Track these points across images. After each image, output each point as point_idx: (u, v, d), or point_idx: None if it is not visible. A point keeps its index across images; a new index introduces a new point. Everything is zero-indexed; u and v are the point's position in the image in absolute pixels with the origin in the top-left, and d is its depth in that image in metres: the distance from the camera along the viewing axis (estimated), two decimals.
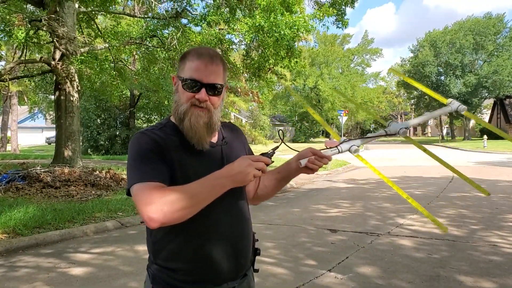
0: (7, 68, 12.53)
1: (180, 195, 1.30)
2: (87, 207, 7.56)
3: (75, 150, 12.28)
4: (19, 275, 4.52)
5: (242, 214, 1.56)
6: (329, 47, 57.21)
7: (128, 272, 4.59)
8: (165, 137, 1.47)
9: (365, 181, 13.15)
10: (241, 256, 1.53)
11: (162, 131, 1.49)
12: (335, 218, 7.53)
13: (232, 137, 1.66)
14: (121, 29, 14.98)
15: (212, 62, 1.46)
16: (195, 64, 1.46)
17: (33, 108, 37.47)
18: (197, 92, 1.45)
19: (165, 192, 1.30)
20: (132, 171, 1.40)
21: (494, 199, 9.23)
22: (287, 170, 1.66)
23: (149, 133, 1.46)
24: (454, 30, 48.77)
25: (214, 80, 1.46)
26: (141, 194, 1.31)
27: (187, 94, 1.46)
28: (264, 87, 19.11)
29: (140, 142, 1.44)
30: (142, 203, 1.29)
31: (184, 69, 1.48)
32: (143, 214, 1.28)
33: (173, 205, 1.28)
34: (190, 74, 1.45)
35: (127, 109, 26.81)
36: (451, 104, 1.61)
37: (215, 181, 1.34)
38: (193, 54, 1.49)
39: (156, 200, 1.28)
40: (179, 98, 1.49)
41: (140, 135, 1.46)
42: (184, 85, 1.46)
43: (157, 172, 1.38)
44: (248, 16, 12.11)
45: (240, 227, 1.54)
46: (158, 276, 1.48)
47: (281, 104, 62.99)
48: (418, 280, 4.25)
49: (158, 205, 1.27)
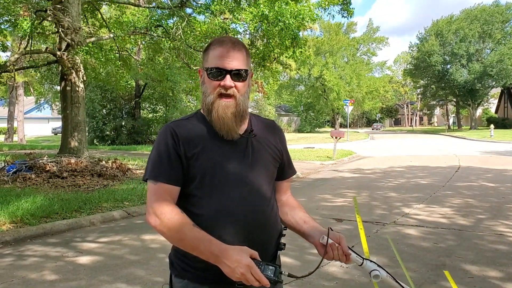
0: (12, 59, 12.54)
1: (178, 233, 1.39)
2: (93, 197, 7.61)
3: (81, 141, 12.32)
4: (28, 264, 4.56)
5: (260, 204, 1.52)
6: (333, 36, 56.69)
7: (135, 261, 4.62)
8: (191, 126, 1.51)
9: (371, 170, 13.12)
10: (254, 245, 1.40)
11: (189, 121, 1.54)
12: (341, 207, 7.53)
13: (265, 131, 1.62)
14: (125, 19, 14.93)
15: (234, 48, 1.48)
16: (218, 51, 1.47)
17: (39, 99, 37.61)
18: (222, 79, 1.46)
19: (173, 215, 1.40)
20: (150, 164, 1.50)
21: (501, 188, 9.19)
22: (308, 231, 1.63)
23: (172, 126, 1.51)
24: (460, 19, 48.24)
25: (238, 65, 1.47)
26: (154, 198, 1.45)
27: (213, 83, 1.47)
28: (269, 77, 19.04)
29: (162, 136, 1.50)
30: (151, 206, 1.44)
31: (208, 60, 1.50)
32: (147, 214, 1.45)
33: (168, 232, 1.40)
34: (215, 62, 1.47)
35: (132, 99, 26.85)
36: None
37: (207, 251, 1.35)
38: (215, 43, 1.51)
39: (161, 217, 1.40)
40: (206, 89, 1.51)
41: (164, 129, 1.52)
42: (209, 74, 1.48)
43: (171, 172, 1.45)
44: (253, 5, 12.03)
45: (256, 216, 1.49)
46: (176, 262, 1.53)
47: (287, 94, 62.76)
48: (424, 269, 4.25)
49: (159, 222, 1.40)
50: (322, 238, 1.53)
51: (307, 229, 1.64)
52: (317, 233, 1.59)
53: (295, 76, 52.39)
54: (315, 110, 59.98)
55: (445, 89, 51.38)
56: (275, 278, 1.29)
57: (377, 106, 70.37)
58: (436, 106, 68.07)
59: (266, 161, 1.57)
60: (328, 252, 1.51)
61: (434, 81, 51.73)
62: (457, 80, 46.73)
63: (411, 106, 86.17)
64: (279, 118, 59.19)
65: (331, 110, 58.78)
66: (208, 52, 1.51)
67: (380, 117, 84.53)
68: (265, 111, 49.67)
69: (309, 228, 1.64)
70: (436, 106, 68.78)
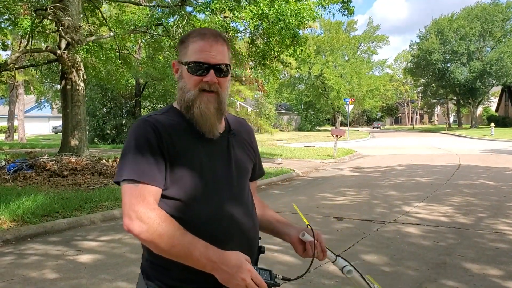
0: (13, 57, 12.55)
1: (171, 239, 1.22)
2: (94, 196, 7.61)
3: (81, 139, 12.33)
4: (28, 262, 4.57)
5: (247, 206, 1.47)
6: (333, 34, 56.66)
7: (136, 260, 4.62)
8: (168, 123, 1.36)
9: (371, 169, 13.12)
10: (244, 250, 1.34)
11: (166, 117, 1.39)
12: (341, 206, 7.53)
13: (241, 130, 1.55)
14: (126, 17, 14.93)
15: (217, 42, 1.37)
16: (199, 45, 1.36)
17: (39, 98, 37.63)
18: (205, 75, 1.35)
19: (162, 220, 1.23)
20: (127, 162, 1.30)
21: (501, 187, 9.19)
22: (283, 229, 1.58)
23: (151, 120, 1.35)
24: (461, 17, 48.23)
25: (221, 60, 1.37)
26: (136, 201, 1.25)
27: (194, 79, 1.36)
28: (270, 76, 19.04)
29: (141, 130, 1.33)
30: (133, 210, 1.24)
31: (187, 53, 1.38)
32: (128, 220, 1.24)
33: (158, 239, 1.22)
34: (196, 56, 1.35)
35: (132, 98, 26.84)
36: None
37: (203, 257, 1.22)
38: (195, 35, 1.39)
39: (148, 221, 1.22)
40: (184, 84, 1.39)
41: (142, 123, 1.35)
42: (189, 68, 1.36)
43: (155, 171, 1.29)
44: (253, 4, 12.02)
45: (246, 219, 1.43)
46: (152, 274, 1.37)
47: (287, 93, 62.76)
48: (424, 268, 4.25)
49: (146, 227, 1.22)
50: (302, 234, 1.49)
51: (281, 228, 1.59)
52: (293, 230, 1.55)
53: (295, 75, 52.28)
54: (315, 109, 59.99)
55: (445, 87, 51.38)
56: (272, 282, 1.26)
57: (378, 105, 70.37)
58: (436, 104, 68.05)
59: (245, 161, 1.51)
60: (308, 250, 1.49)
61: (435, 79, 51.72)
62: (457, 78, 46.73)
63: (411, 105, 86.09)
64: (279, 117, 59.16)
65: (331, 108, 58.78)
66: (187, 44, 1.38)
67: (380, 116, 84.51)
68: (265, 110, 49.62)
69: (283, 226, 1.59)
70: (436, 105, 68.75)
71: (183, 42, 1.41)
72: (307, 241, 1.49)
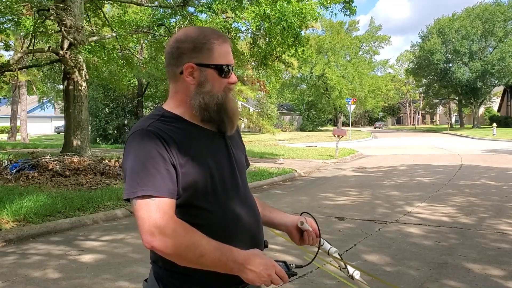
0: (15, 57, 12.58)
1: (199, 249, 1.20)
2: (96, 196, 7.63)
3: (84, 139, 12.36)
4: (31, 262, 4.58)
5: (253, 203, 1.49)
6: (335, 34, 56.62)
7: (138, 259, 4.64)
8: (171, 130, 1.31)
9: (373, 169, 13.12)
10: (254, 246, 1.38)
11: (164, 124, 1.33)
12: (343, 206, 7.53)
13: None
14: (128, 17, 14.96)
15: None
16: (226, 48, 1.38)
17: (42, 98, 37.72)
18: (229, 76, 1.39)
19: (187, 231, 1.21)
20: (138, 176, 1.23)
21: (503, 187, 9.18)
22: (277, 219, 1.60)
23: (154, 130, 1.28)
24: (462, 17, 48.17)
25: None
26: (157, 216, 1.19)
27: (223, 81, 1.37)
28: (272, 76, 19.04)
29: (148, 141, 1.26)
30: (155, 226, 1.18)
31: (212, 56, 1.35)
32: (149, 236, 1.18)
33: (185, 251, 1.20)
34: (226, 59, 1.37)
35: (135, 98, 26.90)
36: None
37: (230, 261, 1.23)
38: (216, 37, 1.37)
39: (173, 235, 1.18)
40: (211, 87, 1.35)
41: (146, 133, 1.28)
42: (220, 72, 1.35)
43: (169, 183, 1.24)
44: (255, 4, 12.03)
45: (255, 217, 1.45)
46: (170, 282, 1.33)
47: (289, 93, 62.72)
48: (426, 268, 4.25)
49: (171, 242, 1.18)
50: (301, 223, 1.53)
51: (276, 218, 1.61)
52: (288, 220, 1.58)
53: (297, 75, 52.39)
54: (317, 109, 59.88)
55: (447, 87, 51.30)
56: (290, 272, 1.32)
57: (379, 105, 70.27)
58: (438, 104, 67.99)
59: (241, 156, 1.51)
60: (305, 238, 1.53)
61: (437, 79, 51.64)
62: (459, 78, 46.66)
63: (413, 105, 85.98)
64: (281, 117, 59.10)
65: (333, 108, 58.72)
66: (211, 47, 1.34)
67: (382, 116, 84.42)
68: (267, 110, 49.63)
69: (278, 217, 1.61)
70: (438, 105, 68.68)
71: (204, 44, 1.35)
72: (306, 230, 1.53)
